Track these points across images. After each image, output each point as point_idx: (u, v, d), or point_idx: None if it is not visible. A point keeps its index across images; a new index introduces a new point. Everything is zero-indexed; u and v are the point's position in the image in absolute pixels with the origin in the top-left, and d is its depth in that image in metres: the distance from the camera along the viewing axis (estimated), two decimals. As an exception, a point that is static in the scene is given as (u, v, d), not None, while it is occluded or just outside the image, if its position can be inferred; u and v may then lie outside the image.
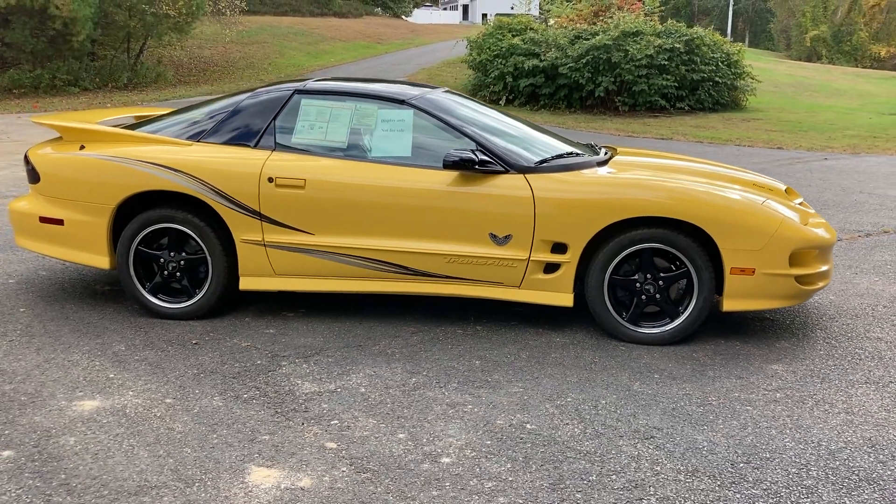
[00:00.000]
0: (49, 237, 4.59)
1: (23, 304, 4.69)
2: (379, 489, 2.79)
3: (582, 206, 4.12)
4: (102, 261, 4.52)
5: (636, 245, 4.13)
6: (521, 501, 2.73)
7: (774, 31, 54.92)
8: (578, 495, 2.77)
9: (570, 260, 4.19)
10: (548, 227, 4.15)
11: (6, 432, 3.15)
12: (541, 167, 4.26)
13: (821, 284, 4.33)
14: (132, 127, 4.79)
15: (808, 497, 2.78)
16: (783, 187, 4.75)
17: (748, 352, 4.15)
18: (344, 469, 2.92)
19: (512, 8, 60.69)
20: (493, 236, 4.20)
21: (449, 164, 4.15)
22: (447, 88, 4.89)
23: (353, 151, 4.39)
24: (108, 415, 3.31)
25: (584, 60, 18.43)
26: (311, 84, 4.62)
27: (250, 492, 2.76)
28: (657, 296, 4.19)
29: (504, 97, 19.56)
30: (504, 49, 19.47)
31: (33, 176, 4.60)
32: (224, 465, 2.94)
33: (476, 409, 3.42)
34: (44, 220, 4.57)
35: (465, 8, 64.50)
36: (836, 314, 4.77)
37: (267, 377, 3.73)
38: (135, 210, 4.49)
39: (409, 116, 4.42)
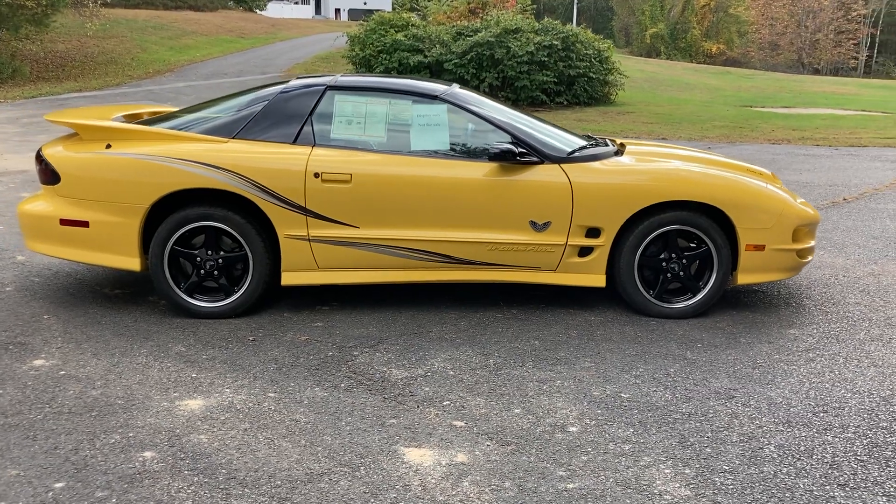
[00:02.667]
0: (71, 240, 4.43)
1: (42, 311, 4.51)
2: (532, 458, 2.99)
3: (617, 193, 4.45)
4: (132, 262, 4.42)
5: (664, 227, 4.49)
6: (663, 459, 3.01)
7: (615, 29, 57.80)
8: (708, 450, 3.08)
9: (604, 243, 4.51)
10: (585, 213, 4.45)
11: (130, 434, 3.11)
12: (572, 157, 4.55)
13: (810, 258, 4.87)
14: (146, 124, 4.68)
15: (891, 435, 3.22)
16: (769, 173, 5.27)
17: (762, 320, 4.62)
18: (488, 444, 3.10)
19: (365, 3, 60.58)
20: (533, 223, 4.46)
21: (493, 156, 4.37)
22: (459, 85, 5.08)
23: (392, 146, 4.52)
24: (221, 412, 3.32)
25: (468, 57, 18.91)
26: (342, 80, 4.69)
27: (418, 470, 2.89)
28: (681, 273, 4.58)
29: (389, 93, 19.66)
30: (388, 45, 19.62)
31: (51, 176, 4.42)
32: (373, 448, 3.04)
33: (566, 384, 3.67)
34: (66, 222, 4.41)
35: (318, 3, 63.86)
36: (810, 284, 5.35)
37: (350, 367, 3.82)
38: (163, 210, 4.41)
39: (443, 111, 4.59)
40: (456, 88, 4.86)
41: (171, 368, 3.76)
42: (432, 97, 4.63)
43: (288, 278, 4.48)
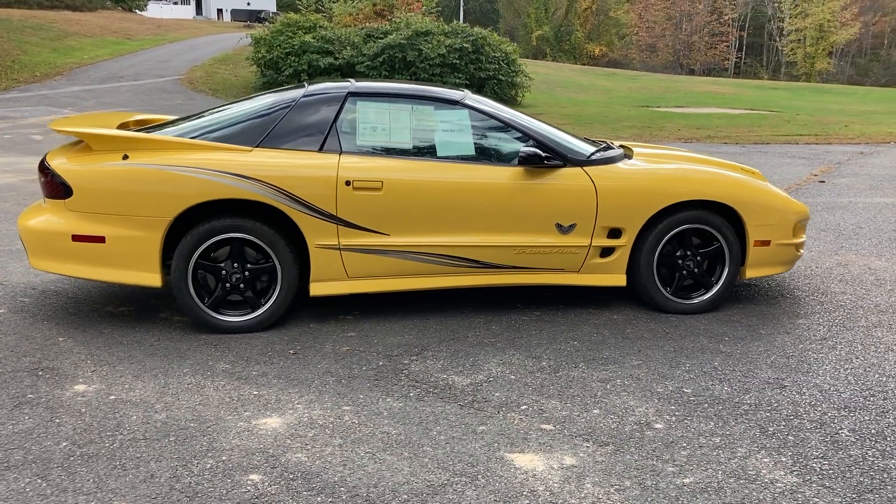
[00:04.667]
0: (84, 257, 4.20)
1: (53, 333, 4.25)
2: (636, 457, 3.06)
3: (638, 194, 4.58)
4: (152, 278, 4.22)
5: (681, 226, 4.66)
6: (755, 449, 3.14)
7: (501, 31, 58.84)
8: (791, 438, 3.24)
9: (625, 243, 4.63)
10: (608, 215, 4.56)
11: (223, 458, 2.98)
12: (592, 160, 4.65)
13: (802, 251, 5.16)
14: (149, 133, 4.49)
15: (941, 414, 3.48)
16: (758, 171, 5.54)
17: (769, 312, 4.86)
18: (587, 445, 3.15)
19: (248, 4, 59.52)
20: (559, 226, 4.54)
21: (522, 160, 4.42)
22: (470, 90, 5.10)
23: (419, 152, 4.50)
24: (305, 428, 3.23)
25: (380, 59, 18.90)
26: (360, 86, 4.62)
27: (535, 475, 2.91)
28: (696, 270, 4.76)
29: (299, 95, 19.38)
30: (296, 46, 19.36)
31: (60, 189, 4.17)
32: (479, 456, 3.04)
33: (626, 382, 3.77)
34: (79, 238, 4.17)
35: (199, 3, 61.99)
36: (792, 276, 5.66)
37: (408, 376, 3.79)
38: (182, 223, 4.25)
39: (465, 116, 4.61)
40: (469, 94, 4.88)
41: (226, 387, 3.62)
42: (453, 102, 4.64)
43: (317, 288, 4.39)
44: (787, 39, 54.82)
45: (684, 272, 4.76)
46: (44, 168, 4.25)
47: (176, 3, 59.39)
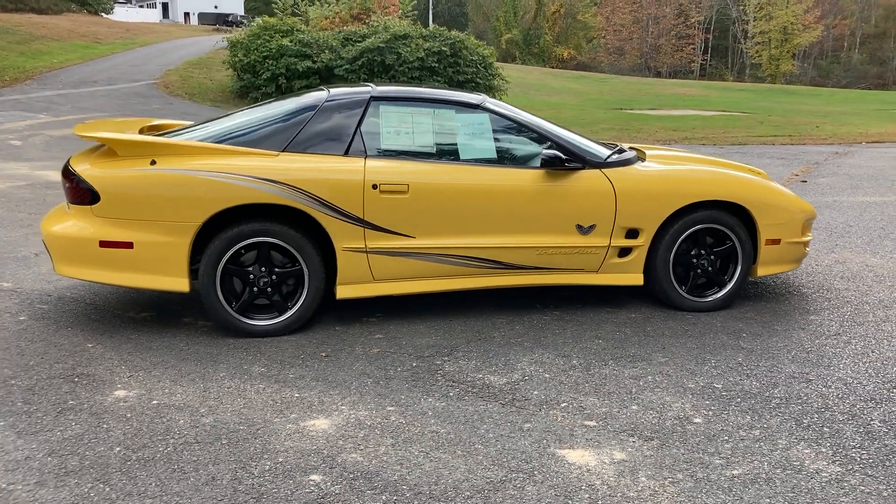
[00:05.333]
0: (112, 263, 4.19)
1: (81, 339, 4.24)
2: (681, 450, 3.15)
3: (656, 195, 4.68)
4: (180, 283, 4.23)
5: (696, 226, 4.77)
6: (795, 441, 3.24)
7: (471, 35, 59.00)
8: (826, 429, 3.35)
9: (643, 244, 4.73)
10: (627, 216, 4.65)
11: (279, 460, 3.01)
12: (609, 162, 4.74)
13: (808, 249, 5.30)
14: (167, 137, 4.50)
15: (963, 404, 3.61)
16: (764, 172, 5.68)
17: (781, 309, 4.99)
18: (633, 440, 3.23)
19: (216, 7, 59.10)
20: (580, 227, 4.62)
21: (544, 162, 4.50)
22: (485, 95, 5.17)
23: (442, 155, 4.55)
24: (354, 429, 3.27)
25: (359, 62, 18.89)
26: (381, 90, 4.67)
27: (590, 470, 2.98)
28: (709, 269, 4.87)
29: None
30: (274, 50, 19.28)
31: (86, 195, 4.16)
32: (530, 453, 3.10)
33: (658, 379, 3.86)
34: (107, 244, 4.16)
35: (165, 6, 61.39)
36: (794, 274, 5.81)
37: (444, 376, 3.84)
38: (210, 228, 4.26)
39: (486, 120, 4.68)
40: (488, 97, 4.95)
41: (267, 390, 3.65)
42: (474, 106, 4.71)
43: (344, 292, 4.42)
44: (753, 42, 55.79)
45: (699, 271, 4.87)
46: (69, 174, 4.24)
47: (142, 7, 58.78)
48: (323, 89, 4.84)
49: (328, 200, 4.24)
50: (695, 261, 4.85)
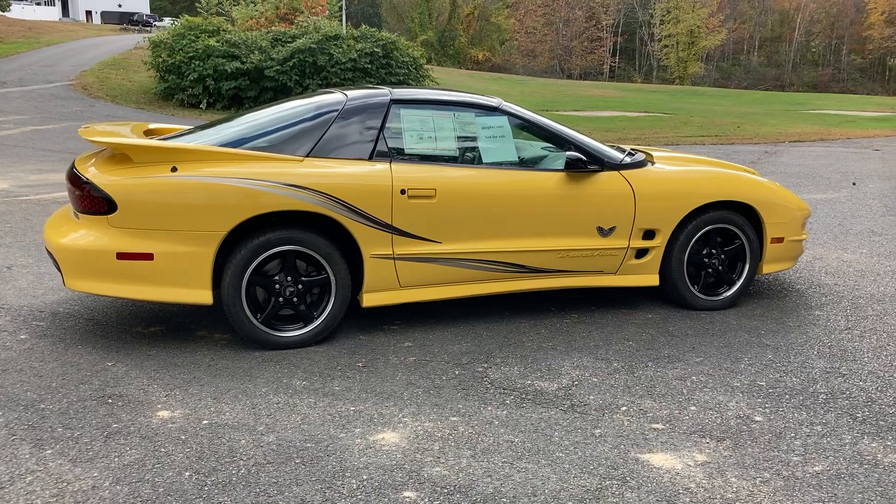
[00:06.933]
0: (129, 276, 3.96)
1: (98, 357, 4.00)
2: (755, 449, 3.18)
3: (672, 196, 4.74)
4: (204, 295, 4.04)
5: (709, 226, 4.85)
6: (858, 434, 3.32)
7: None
8: (882, 423, 3.44)
9: (659, 244, 4.78)
10: (645, 217, 4.69)
11: (363, 478, 2.90)
12: (626, 164, 4.77)
13: (805, 246, 5.47)
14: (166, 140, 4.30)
15: None
16: (756, 171, 5.82)
17: (785, 305, 5.13)
18: (706, 441, 3.24)
19: (120, 6, 57.23)
20: (600, 229, 4.64)
21: (567, 164, 4.50)
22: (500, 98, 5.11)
23: (465, 159, 4.49)
24: (427, 442, 3.18)
25: (290, 63, 18.55)
26: (400, 93, 4.56)
27: (679, 472, 2.98)
28: (720, 268, 4.97)
29: (205, 100, 18.86)
30: (200, 51, 18.76)
31: (100, 205, 3.92)
32: (614, 459, 3.08)
33: (701, 379, 3.90)
34: (125, 256, 3.93)
35: (65, 3, 58.86)
36: (778, 274, 5.98)
37: (493, 383, 3.78)
38: (234, 237, 4.09)
39: (505, 122, 4.63)
40: (502, 100, 4.91)
41: (318, 404, 3.51)
42: (492, 109, 4.66)
43: (370, 299, 4.31)
44: (661, 45, 57.53)
45: (710, 270, 4.95)
46: (78, 181, 3.98)
47: (39, 4, 56.19)
48: (334, 91, 4.71)
49: (357, 207, 4.12)
50: (706, 260, 4.93)
